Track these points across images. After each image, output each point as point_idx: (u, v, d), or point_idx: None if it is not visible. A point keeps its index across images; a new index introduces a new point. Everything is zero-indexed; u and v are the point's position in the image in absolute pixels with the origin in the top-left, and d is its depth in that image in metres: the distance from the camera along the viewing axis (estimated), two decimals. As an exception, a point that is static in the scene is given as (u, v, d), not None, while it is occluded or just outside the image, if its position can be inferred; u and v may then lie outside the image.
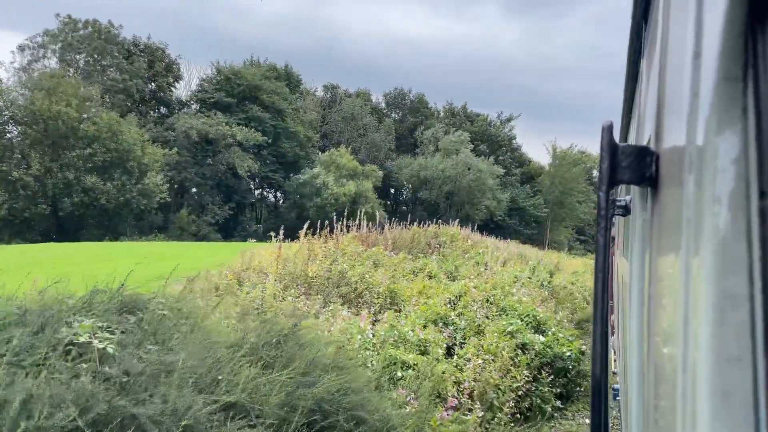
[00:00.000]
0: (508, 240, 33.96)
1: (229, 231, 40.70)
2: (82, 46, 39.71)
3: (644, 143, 1.68)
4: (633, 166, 1.17)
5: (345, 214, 18.13)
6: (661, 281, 1.06)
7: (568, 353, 10.69)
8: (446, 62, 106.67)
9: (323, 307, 9.48)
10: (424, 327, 9.25)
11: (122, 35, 41.08)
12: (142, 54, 42.66)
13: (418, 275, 13.51)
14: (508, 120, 66.65)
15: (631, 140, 3.01)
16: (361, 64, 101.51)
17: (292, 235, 14.61)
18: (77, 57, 40.06)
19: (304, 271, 11.08)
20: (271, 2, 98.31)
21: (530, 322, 11.98)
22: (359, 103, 54.03)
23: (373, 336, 8.08)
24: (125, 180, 33.44)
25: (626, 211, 2.69)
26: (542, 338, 10.83)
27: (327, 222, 15.84)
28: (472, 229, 51.40)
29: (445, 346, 8.80)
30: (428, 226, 23.14)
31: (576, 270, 37.29)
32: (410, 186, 53.52)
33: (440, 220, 44.79)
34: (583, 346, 12.01)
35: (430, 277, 13.78)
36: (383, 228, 21.49)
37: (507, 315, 11.97)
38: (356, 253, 13.75)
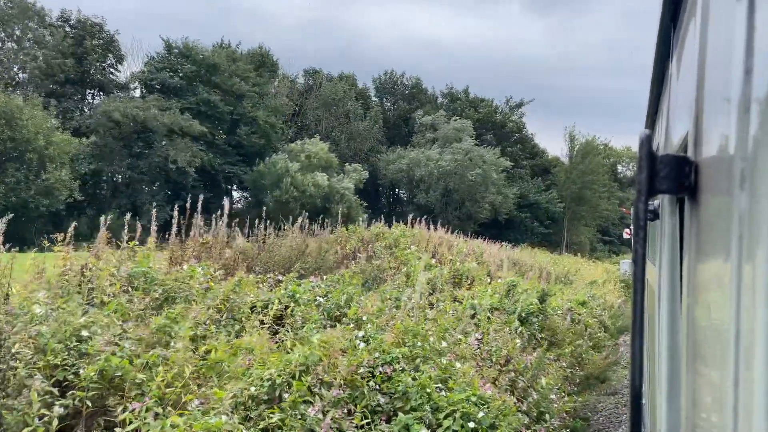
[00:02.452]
0: (504, 243, 26.75)
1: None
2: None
3: (674, 146, 1.78)
4: (671, 176, 1.19)
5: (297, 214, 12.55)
6: (704, 289, 1.08)
7: None
8: (468, 62, 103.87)
9: None
10: None
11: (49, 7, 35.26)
12: (74, 29, 36.65)
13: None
14: (518, 106, 59.39)
15: (658, 142, 2.99)
16: (384, 67, 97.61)
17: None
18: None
19: None
20: (291, 8, 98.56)
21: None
22: (342, 88, 47.26)
23: None
24: (20, 176, 27.23)
25: (654, 215, 2.75)
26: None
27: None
28: (472, 229, 44.27)
29: None
30: (372, 226, 16.39)
31: (595, 279, 30.13)
32: (393, 184, 46.37)
33: (431, 222, 37.25)
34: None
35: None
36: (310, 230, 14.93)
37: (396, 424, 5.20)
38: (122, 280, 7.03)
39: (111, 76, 39.30)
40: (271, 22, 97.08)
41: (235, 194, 41.20)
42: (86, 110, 34.96)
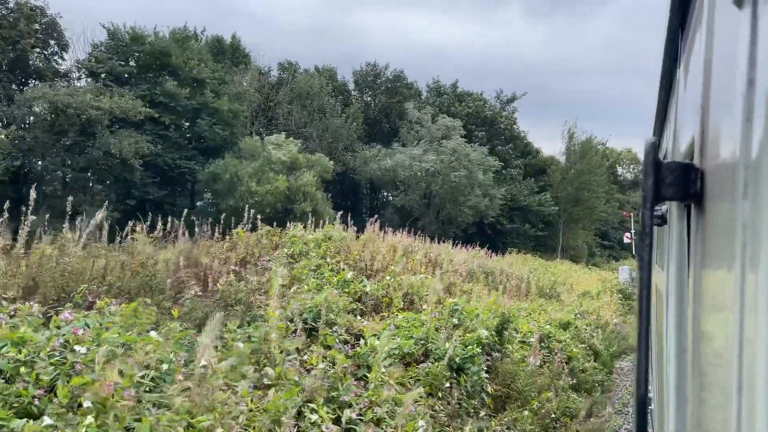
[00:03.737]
0: (480, 250, 23.06)
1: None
2: None
3: (682, 152, 1.79)
4: (677, 183, 1.20)
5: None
6: (709, 295, 1.09)
7: None
8: (470, 67, 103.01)
9: None
10: None
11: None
12: (12, 13, 33.07)
13: None
14: (510, 101, 55.64)
15: (666, 147, 3.03)
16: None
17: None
18: None
19: None
20: (293, 12, 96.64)
21: None
22: (319, 81, 43.47)
23: None
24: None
25: (662, 221, 2.76)
26: None
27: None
28: (455, 234, 40.47)
29: None
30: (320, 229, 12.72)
31: (588, 290, 26.45)
32: (374, 184, 42.28)
33: (412, 226, 33.41)
34: None
35: None
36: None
37: None
38: None
39: (54, 64, 35.74)
40: (271, 26, 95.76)
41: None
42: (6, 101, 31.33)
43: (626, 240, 72.44)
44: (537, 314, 14.57)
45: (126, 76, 35.30)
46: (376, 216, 19.06)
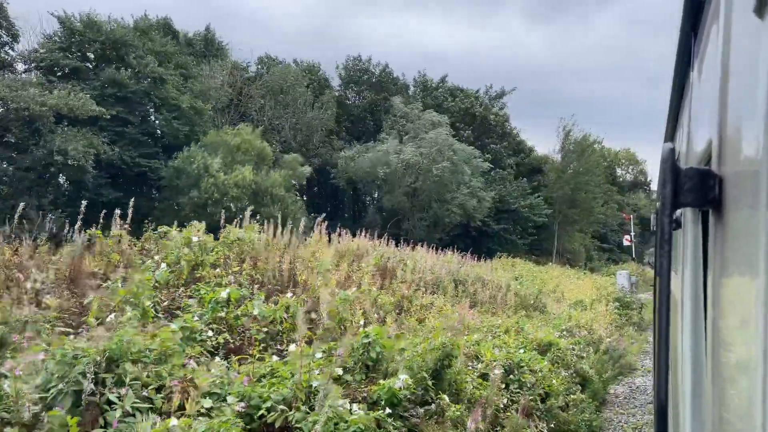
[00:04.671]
0: (451, 253, 20.35)
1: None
2: None
3: (697, 157, 1.78)
4: (696, 189, 1.20)
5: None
6: (729, 302, 1.09)
7: None
8: (469, 73, 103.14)
9: None
10: None
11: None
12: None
13: None
14: (499, 96, 52.92)
15: (679, 151, 2.93)
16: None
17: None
18: None
19: None
20: (292, 17, 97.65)
21: None
22: (294, 74, 40.62)
23: None
24: None
25: (677, 224, 2.80)
26: None
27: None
28: (439, 238, 37.60)
29: None
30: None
31: (581, 299, 23.78)
32: (356, 185, 39.28)
33: (393, 230, 30.71)
34: None
35: None
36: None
37: None
38: None
39: (4, 55, 33.11)
40: (270, 29, 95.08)
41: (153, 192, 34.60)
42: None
43: (626, 243, 70.09)
44: (512, 334, 11.91)
45: (78, 69, 32.62)
46: (324, 214, 16.45)
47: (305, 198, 42.59)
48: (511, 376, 9.28)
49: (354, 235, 16.43)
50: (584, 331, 16.39)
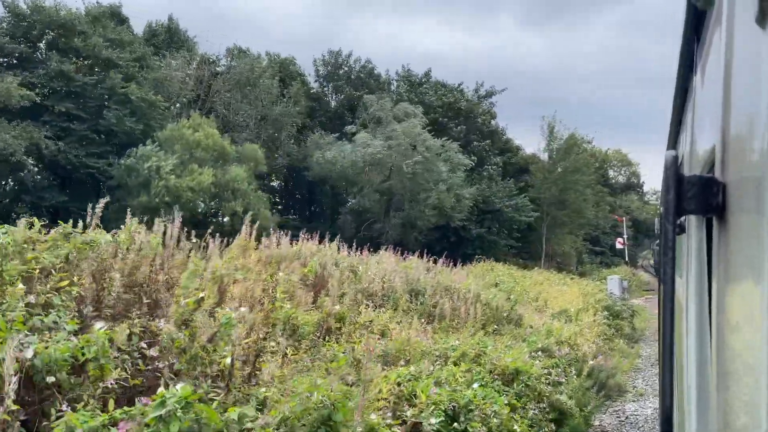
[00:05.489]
0: (411, 257, 17.99)
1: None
2: None
3: (700, 163, 1.78)
4: (699, 196, 1.21)
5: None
6: (734, 309, 1.08)
7: None
8: (463, 73, 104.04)
9: None
10: None
11: None
12: None
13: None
14: (489, 95, 50.66)
15: (682, 156, 2.97)
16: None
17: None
18: None
19: None
20: (289, 21, 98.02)
21: None
22: (263, 66, 38.08)
23: None
24: None
25: (680, 229, 2.79)
26: None
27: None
28: (415, 241, 35.12)
29: None
30: None
31: (566, 308, 21.49)
32: (328, 183, 36.50)
33: (365, 232, 28.36)
34: None
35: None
36: None
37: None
38: None
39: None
40: (265, 33, 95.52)
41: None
42: None
43: (618, 246, 68.08)
44: (467, 360, 9.55)
45: (28, 58, 30.11)
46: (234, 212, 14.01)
47: (281, 200, 40.17)
48: (456, 425, 6.94)
49: (326, 240, 14.12)
50: (566, 347, 14.06)
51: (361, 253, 17.29)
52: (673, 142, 3.49)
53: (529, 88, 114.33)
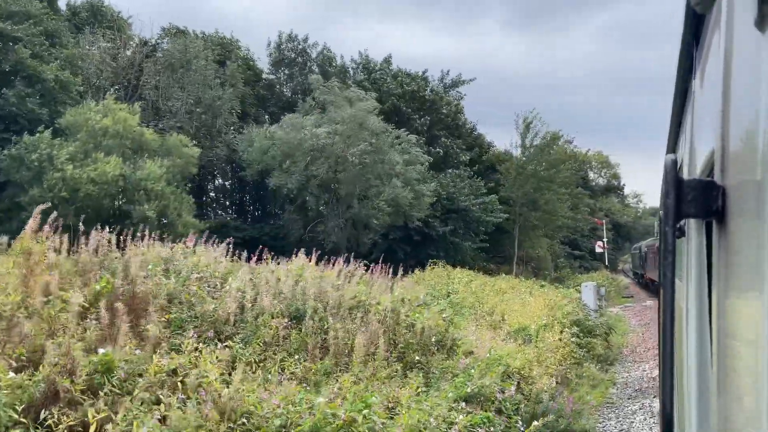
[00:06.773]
0: (330, 267, 14.23)
1: None
2: None
3: (700, 167, 1.79)
4: (699, 201, 1.21)
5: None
6: (736, 313, 1.08)
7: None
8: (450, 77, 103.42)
9: None
10: None
11: None
12: None
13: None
14: (455, 85, 47.14)
15: (681, 160, 2.94)
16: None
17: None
18: None
19: None
20: (270, 23, 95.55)
21: None
22: (197, 46, 34.11)
23: None
24: None
25: (680, 232, 2.76)
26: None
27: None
28: (370, 244, 31.10)
29: None
30: None
31: (526, 324, 17.97)
32: (253, 176, 32.29)
33: (308, 236, 25.06)
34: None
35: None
36: None
37: None
38: None
39: None
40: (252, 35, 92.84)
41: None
42: None
43: (598, 249, 64.82)
44: (337, 428, 5.90)
45: None
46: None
47: (216, 197, 36.19)
48: None
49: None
50: (514, 384, 10.50)
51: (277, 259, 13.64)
52: (673, 145, 3.55)
53: (504, 93, 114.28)
